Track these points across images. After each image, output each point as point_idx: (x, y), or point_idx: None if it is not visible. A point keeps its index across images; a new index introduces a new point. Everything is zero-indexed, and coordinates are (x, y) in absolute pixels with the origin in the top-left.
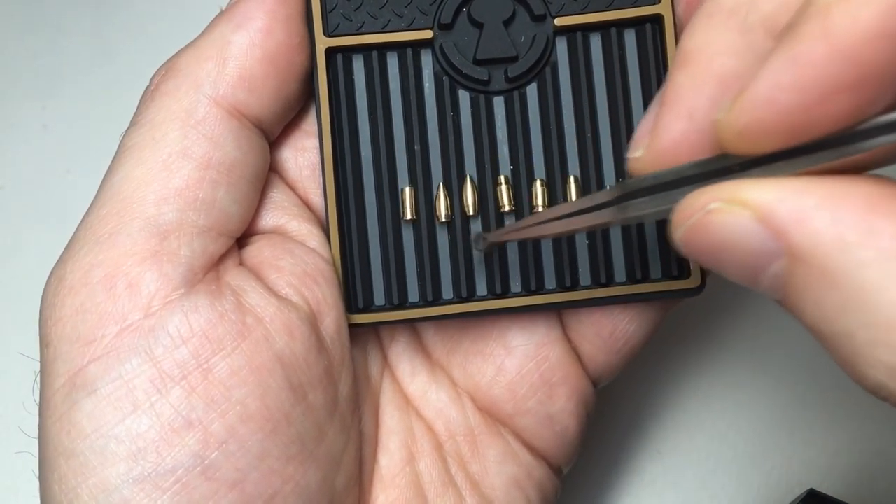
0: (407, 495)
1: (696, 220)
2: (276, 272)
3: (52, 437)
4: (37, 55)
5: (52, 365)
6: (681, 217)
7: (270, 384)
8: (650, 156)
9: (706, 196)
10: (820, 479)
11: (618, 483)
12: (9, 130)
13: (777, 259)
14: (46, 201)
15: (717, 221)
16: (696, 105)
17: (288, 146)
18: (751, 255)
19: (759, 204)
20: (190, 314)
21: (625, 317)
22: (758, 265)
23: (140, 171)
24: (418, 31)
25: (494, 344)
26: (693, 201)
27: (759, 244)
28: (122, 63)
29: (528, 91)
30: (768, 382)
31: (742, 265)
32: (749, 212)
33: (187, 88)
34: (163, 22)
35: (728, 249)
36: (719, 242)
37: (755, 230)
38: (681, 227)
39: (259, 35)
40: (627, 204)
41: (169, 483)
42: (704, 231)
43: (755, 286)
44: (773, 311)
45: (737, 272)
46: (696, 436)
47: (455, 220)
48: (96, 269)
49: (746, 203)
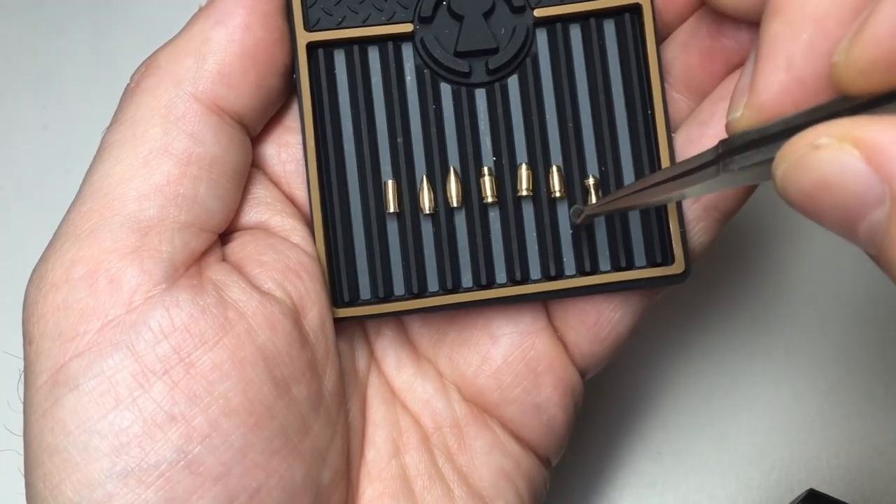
0: (394, 488)
1: (801, 154)
2: (258, 267)
3: (35, 434)
4: (37, 55)
5: (34, 362)
6: (786, 152)
7: (253, 378)
8: (751, 112)
9: (816, 132)
10: (820, 479)
11: (618, 484)
12: (9, 130)
13: (879, 206)
14: (46, 201)
15: (823, 158)
16: (794, 52)
17: (271, 142)
18: (852, 199)
19: (870, 142)
20: (171, 309)
21: (609, 305)
22: (858, 211)
23: (121, 167)
24: (399, 25)
25: (480, 333)
26: (801, 137)
27: (862, 187)
28: (122, 63)
29: (510, 82)
30: (768, 383)
31: (841, 210)
32: (858, 150)
33: (167, 85)
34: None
35: (829, 190)
36: (821, 181)
37: (861, 170)
38: (784, 163)
39: (238, 31)
40: (731, 160)
41: (153, 478)
42: (808, 167)
43: (852, 236)
44: (772, 311)
45: (834, 218)
46: (696, 436)
47: (439, 212)
48: (78, 265)
49: (857, 140)
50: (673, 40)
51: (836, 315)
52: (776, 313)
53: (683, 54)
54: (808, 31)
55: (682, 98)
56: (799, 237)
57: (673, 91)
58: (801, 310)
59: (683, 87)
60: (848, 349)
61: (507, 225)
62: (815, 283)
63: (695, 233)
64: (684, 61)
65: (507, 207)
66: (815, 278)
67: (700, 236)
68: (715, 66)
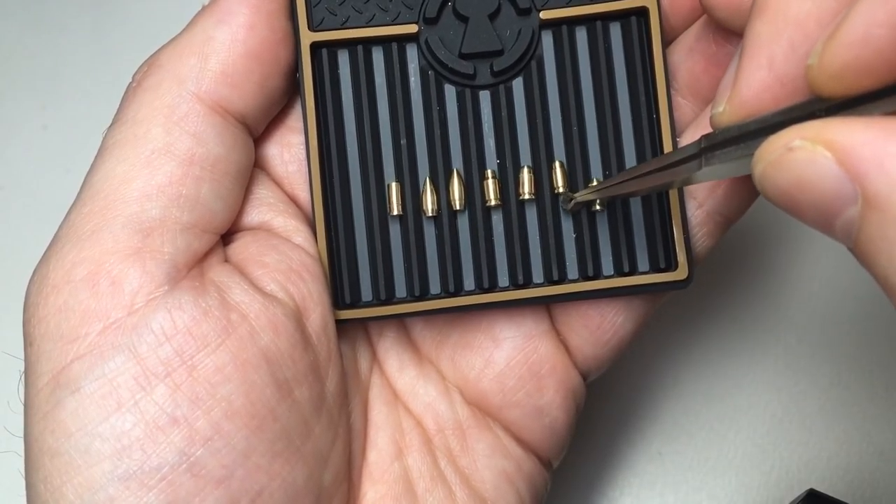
0: (396, 490)
1: (777, 156)
2: (260, 268)
3: (36, 436)
4: (37, 55)
5: (35, 364)
6: (763, 153)
7: (255, 380)
8: (733, 108)
9: (791, 134)
10: (820, 479)
11: (619, 484)
12: (9, 130)
13: (852, 204)
14: (46, 201)
15: (797, 159)
16: (775, 52)
17: (273, 142)
18: (827, 198)
19: (840, 145)
20: (174, 311)
21: (612, 309)
22: (833, 209)
23: (122, 168)
24: (403, 26)
25: (483, 336)
26: (777, 139)
27: (835, 187)
28: (123, 62)
29: (514, 85)
30: (768, 383)
31: (817, 208)
32: (830, 152)
33: (169, 84)
34: (164, 21)
35: (805, 190)
36: (796, 181)
37: (833, 172)
38: (761, 163)
39: (242, 30)
40: (713, 155)
41: (154, 481)
42: (783, 169)
43: (829, 232)
44: (772, 311)
45: (811, 215)
46: (696, 436)
47: (442, 214)
48: (79, 266)
49: (829, 143)
50: (678, 44)
51: (836, 315)
52: (776, 314)
53: (689, 60)
54: (789, 31)
55: (686, 103)
56: (799, 238)
57: (678, 96)
58: (800, 310)
59: (688, 92)
60: (848, 349)
61: (511, 228)
62: (815, 283)
63: (697, 238)
64: (689, 67)
65: (511, 210)
66: (815, 278)
67: (703, 242)
68: (719, 72)
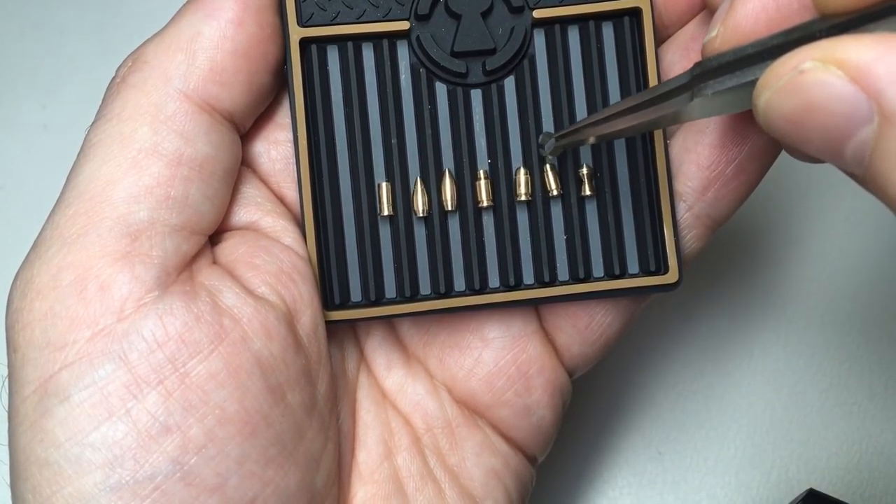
0: (386, 490)
1: (787, 80)
2: (251, 270)
3: (23, 446)
4: (37, 55)
5: (20, 371)
6: (769, 79)
7: (249, 386)
8: (727, 31)
9: (800, 56)
10: (820, 479)
11: (618, 483)
12: (9, 130)
13: (866, 124)
14: (46, 201)
15: (808, 81)
16: None
17: (260, 139)
18: (839, 121)
19: (854, 62)
20: (165, 317)
21: (601, 309)
22: (844, 132)
23: (108, 168)
24: (394, 23)
25: (472, 337)
26: (785, 62)
27: (849, 107)
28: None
29: (506, 84)
30: (768, 382)
31: (827, 132)
32: (843, 71)
33: (156, 82)
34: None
35: (815, 113)
36: (807, 105)
37: (847, 91)
38: (767, 91)
39: (230, 26)
40: (705, 85)
41: (148, 490)
42: (792, 93)
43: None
44: (772, 311)
45: (820, 142)
46: (695, 436)
47: (433, 214)
48: (65, 271)
49: (841, 62)
50: (673, 43)
51: (836, 315)
52: (776, 313)
53: (684, 59)
54: None
55: None
56: (800, 237)
57: None
58: (800, 309)
59: None
60: (848, 349)
61: (502, 229)
62: (815, 283)
63: (687, 241)
64: (684, 66)
65: (502, 211)
66: (816, 278)
67: (692, 244)
68: None
